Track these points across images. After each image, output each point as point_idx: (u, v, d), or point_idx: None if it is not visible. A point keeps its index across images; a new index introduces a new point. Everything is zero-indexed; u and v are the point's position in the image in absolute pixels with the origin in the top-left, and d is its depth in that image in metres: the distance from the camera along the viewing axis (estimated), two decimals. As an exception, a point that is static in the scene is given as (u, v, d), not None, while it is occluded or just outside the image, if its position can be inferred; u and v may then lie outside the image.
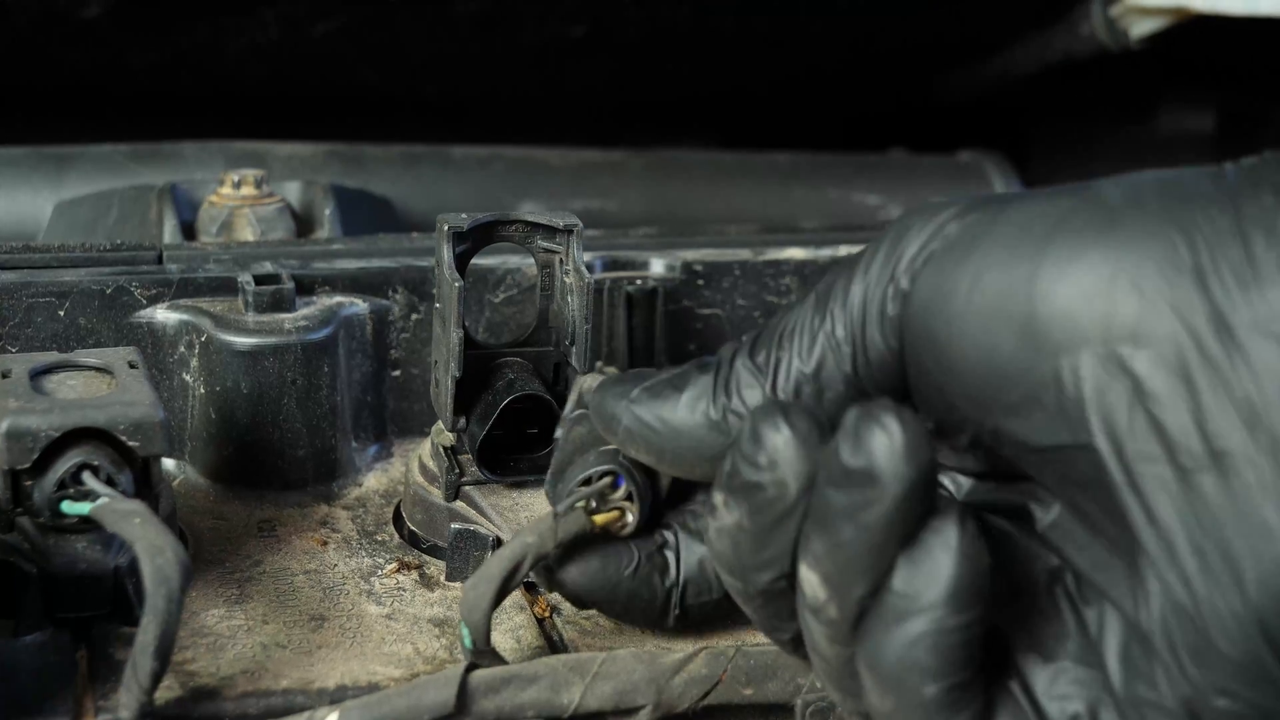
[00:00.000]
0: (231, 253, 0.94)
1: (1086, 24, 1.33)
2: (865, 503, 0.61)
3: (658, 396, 0.71)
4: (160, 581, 0.67)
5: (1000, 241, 0.64)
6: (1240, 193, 0.62)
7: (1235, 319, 0.60)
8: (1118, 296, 0.61)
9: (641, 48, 1.31)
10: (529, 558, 0.71)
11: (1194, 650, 0.60)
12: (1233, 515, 0.59)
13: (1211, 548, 0.59)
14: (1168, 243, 0.61)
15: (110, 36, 1.19)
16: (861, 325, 0.68)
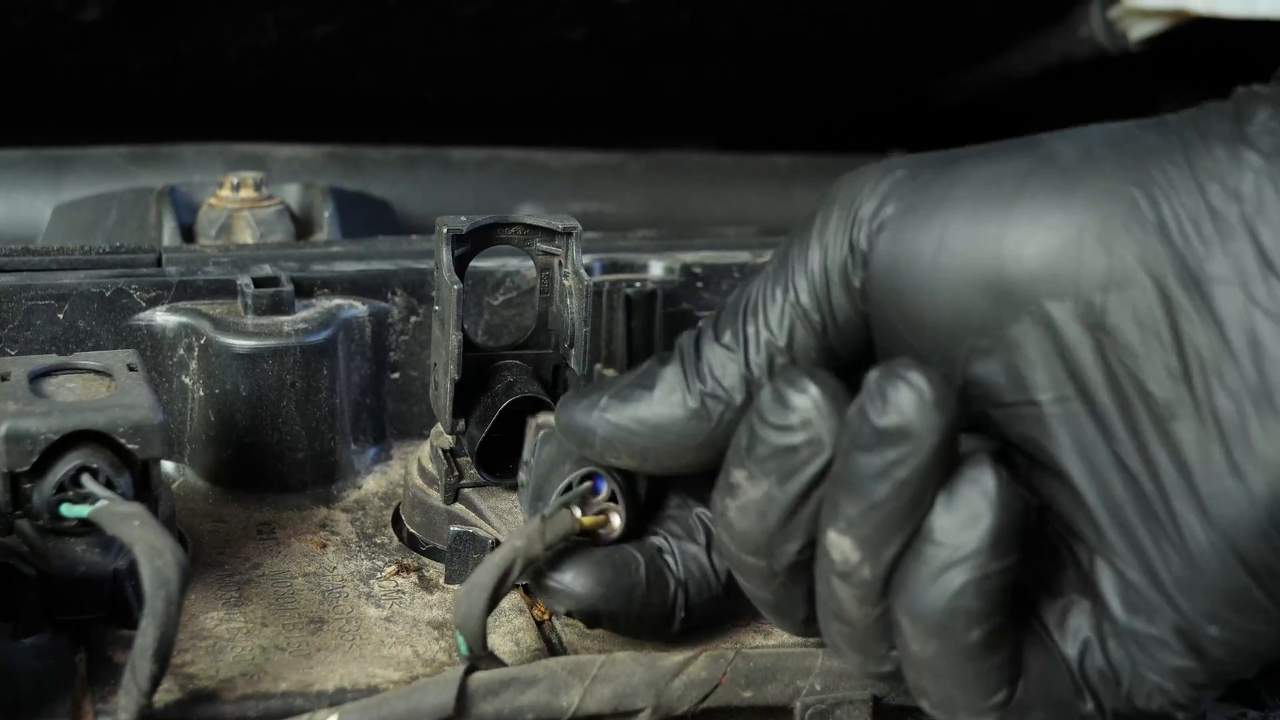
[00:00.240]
0: (231, 255, 0.94)
1: (1085, 26, 1.33)
2: (900, 459, 0.62)
3: (629, 399, 0.72)
4: (159, 584, 0.67)
5: (963, 204, 0.66)
6: (1190, 145, 0.64)
7: (1202, 271, 0.62)
8: (1085, 254, 0.63)
9: (640, 50, 1.31)
10: (519, 562, 0.71)
11: (1181, 584, 0.63)
12: (1205, 458, 0.62)
13: (1190, 489, 0.62)
14: (1129, 199, 0.63)
15: (109, 39, 1.19)
16: (826, 291, 0.69)
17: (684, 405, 0.71)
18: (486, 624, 0.71)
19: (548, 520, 0.72)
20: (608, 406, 0.72)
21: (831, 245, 0.69)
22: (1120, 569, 0.65)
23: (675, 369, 0.71)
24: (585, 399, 0.73)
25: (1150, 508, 0.63)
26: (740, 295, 0.71)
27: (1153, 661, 0.64)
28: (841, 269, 0.68)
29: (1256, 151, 0.63)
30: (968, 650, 0.64)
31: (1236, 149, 0.63)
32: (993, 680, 0.65)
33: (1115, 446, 0.64)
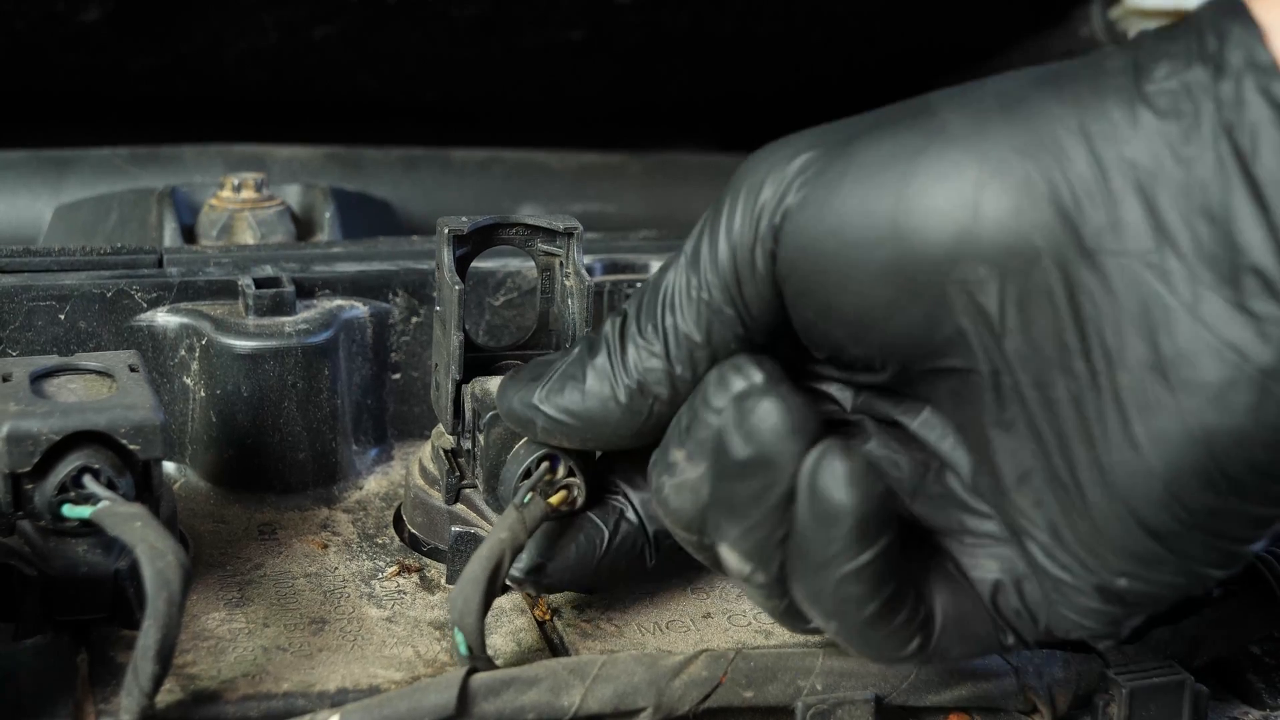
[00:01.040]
0: (232, 256, 0.94)
1: (1086, 27, 1.33)
2: (765, 487, 0.65)
3: (562, 390, 0.73)
4: (161, 585, 0.67)
5: (858, 189, 0.65)
6: (1085, 107, 0.62)
7: (1098, 243, 0.62)
8: (983, 233, 0.63)
9: (640, 51, 1.31)
10: (507, 553, 0.73)
11: (1087, 545, 0.64)
12: (1107, 431, 0.62)
13: (1094, 462, 0.63)
14: (1022, 173, 0.62)
15: (110, 40, 1.19)
16: (737, 284, 0.69)
17: (614, 399, 0.72)
18: (484, 621, 0.71)
19: (524, 509, 0.74)
20: (543, 399, 0.74)
21: (739, 238, 0.69)
22: (1030, 531, 0.66)
23: (604, 361, 0.72)
24: (522, 388, 0.75)
25: (1058, 477, 0.64)
26: (658, 285, 0.72)
27: (1068, 602, 0.66)
28: (749, 261, 0.68)
29: (1153, 111, 0.61)
30: (868, 621, 0.66)
31: (1133, 109, 0.62)
32: (903, 635, 0.67)
33: (1029, 418, 0.65)
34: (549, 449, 0.77)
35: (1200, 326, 0.60)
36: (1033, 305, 0.63)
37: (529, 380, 0.75)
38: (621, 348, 0.71)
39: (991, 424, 0.66)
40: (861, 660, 0.72)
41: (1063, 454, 0.64)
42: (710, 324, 0.69)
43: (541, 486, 0.76)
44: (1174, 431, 0.61)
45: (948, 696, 0.72)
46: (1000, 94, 0.65)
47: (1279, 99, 0.59)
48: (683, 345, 0.70)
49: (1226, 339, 0.59)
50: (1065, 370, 0.63)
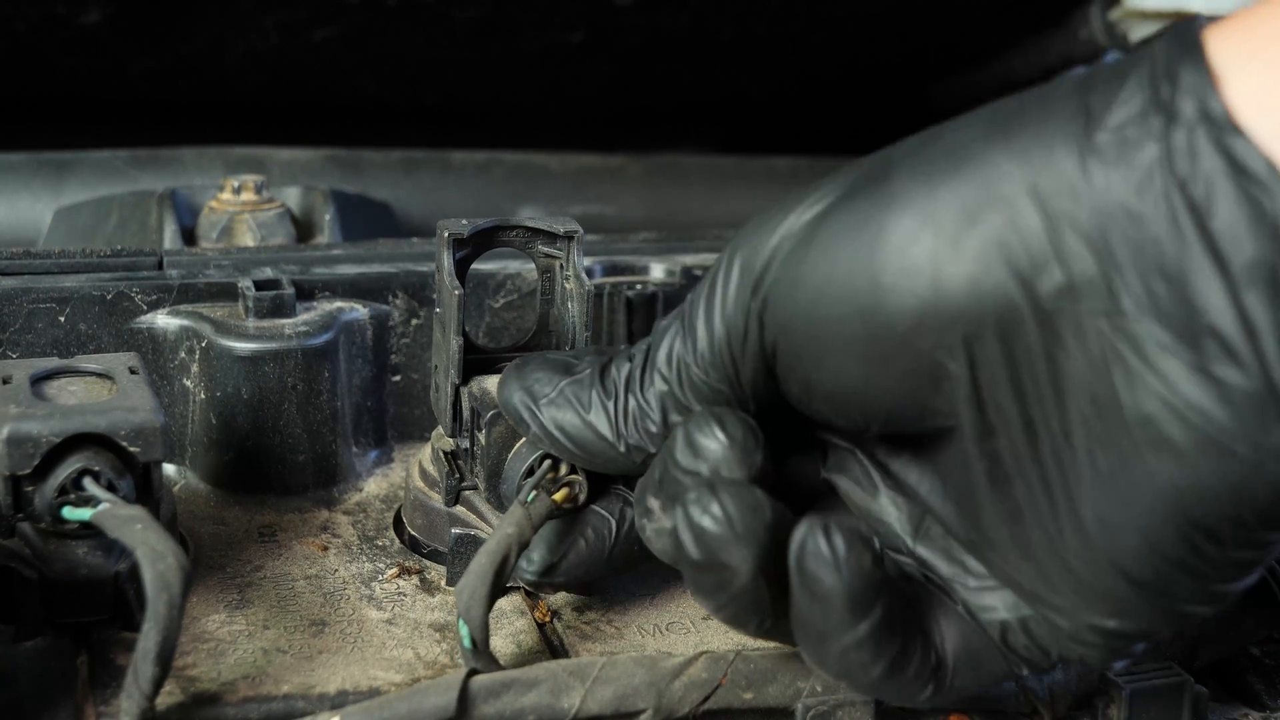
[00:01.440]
0: (232, 258, 0.94)
1: (1085, 29, 1.33)
2: (725, 581, 0.66)
3: (564, 409, 0.74)
4: (161, 587, 0.67)
5: (821, 269, 0.65)
6: (1035, 160, 0.61)
7: (1053, 304, 0.61)
8: (942, 301, 0.62)
9: (640, 54, 1.31)
10: (514, 548, 0.73)
11: (1075, 591, 0.64)
12: (1080, 482, 0.62)
13: (1077, 519, 0.63)
14: (975, 239, 0.61)
15: (110, 43, 1.19)
16: (733, 365, 0.69)
17: (611, 438, 0.73)
18: (489, 615, 0.71)
19: (529, 506, 0.75)
20: (544, 409, 0.74)
21: (732, 317, 0.68)
22: (1019, 581, 0.67)
23: (609, 404, 0.73)
24: (526, 384, 0.75)
25: (1044, 530, 0.64)
26: (658, 344, 0.72)
27: (1071, 641, 0.66)
28: (741, 341, 0.68)
29: (1103, 163, 0.59)
30: (878, 680, 0.66)
31: (1084, 161, 0.60)
32: (916, 684, 0.67)
33: (1010, 475, 0.65)
34: None
35: (1162, 388, 0.59)
36: (1002, 368, 0.62)
37: (534, 377, 0.75)
38: (625, 399, 0.72)
39: (977, 481, 0.66)
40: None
41: (1047, 508, 0.64)
42: (704, 390, 0.70)
43: (545, 484, 0.76)
44: (1146, 488, 0.60)
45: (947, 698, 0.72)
46: (950, 150, 0.64)
47: (1233, 153, 0.57)
48: (677, 411, 0.71)
49: (1188, 401, 0.58)
50: (1043, 428, 0.63)
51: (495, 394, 0.79)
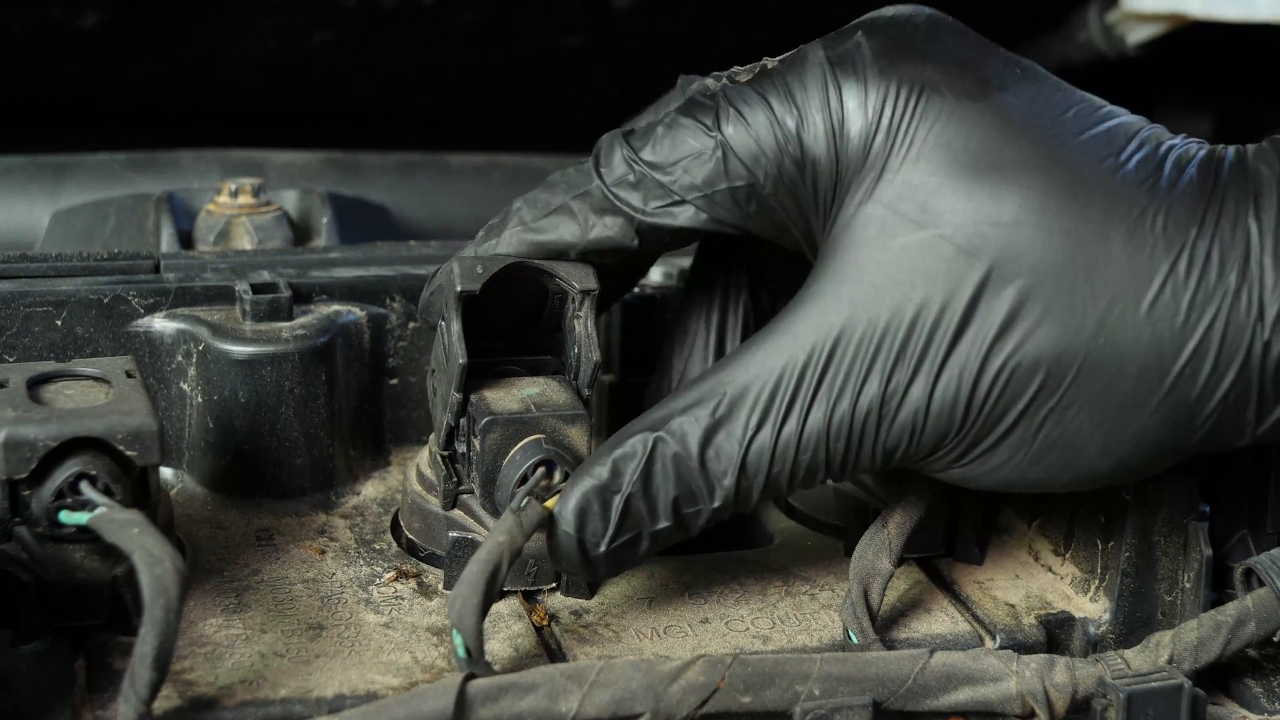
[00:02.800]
0: (229, 261, 0.94)
1: (1083, 31, 1.33)
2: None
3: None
4: (158, 591, 0.67)
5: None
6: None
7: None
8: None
9: (638, 57, 1.32)
10: (506, 556, 0.73)
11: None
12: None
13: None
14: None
15: (108, 47, 1.19)
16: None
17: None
18: (483, 623, 0.71)
19: (521, 513, 0.74)
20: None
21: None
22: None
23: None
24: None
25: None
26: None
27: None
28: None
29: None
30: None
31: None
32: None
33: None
34: (545, 455, 0.78)
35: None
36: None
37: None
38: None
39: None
40: (860, 666, 0.72)
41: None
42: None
43: (538, 491, 0.76)
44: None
45: (945, 701, 0.72)
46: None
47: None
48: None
49: None
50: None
51: (492, 401, 0.79)
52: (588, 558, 0.75)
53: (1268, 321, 0.70)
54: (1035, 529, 0.87)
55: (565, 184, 0.80)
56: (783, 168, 0.74)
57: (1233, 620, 0.76)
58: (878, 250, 0.72)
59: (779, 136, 0.74)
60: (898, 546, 0.79)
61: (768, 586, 0.83)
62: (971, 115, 0.73)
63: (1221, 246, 0.71)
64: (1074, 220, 0.71)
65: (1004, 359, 0.71)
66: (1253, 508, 0.82)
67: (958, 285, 0.71)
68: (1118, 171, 0.72)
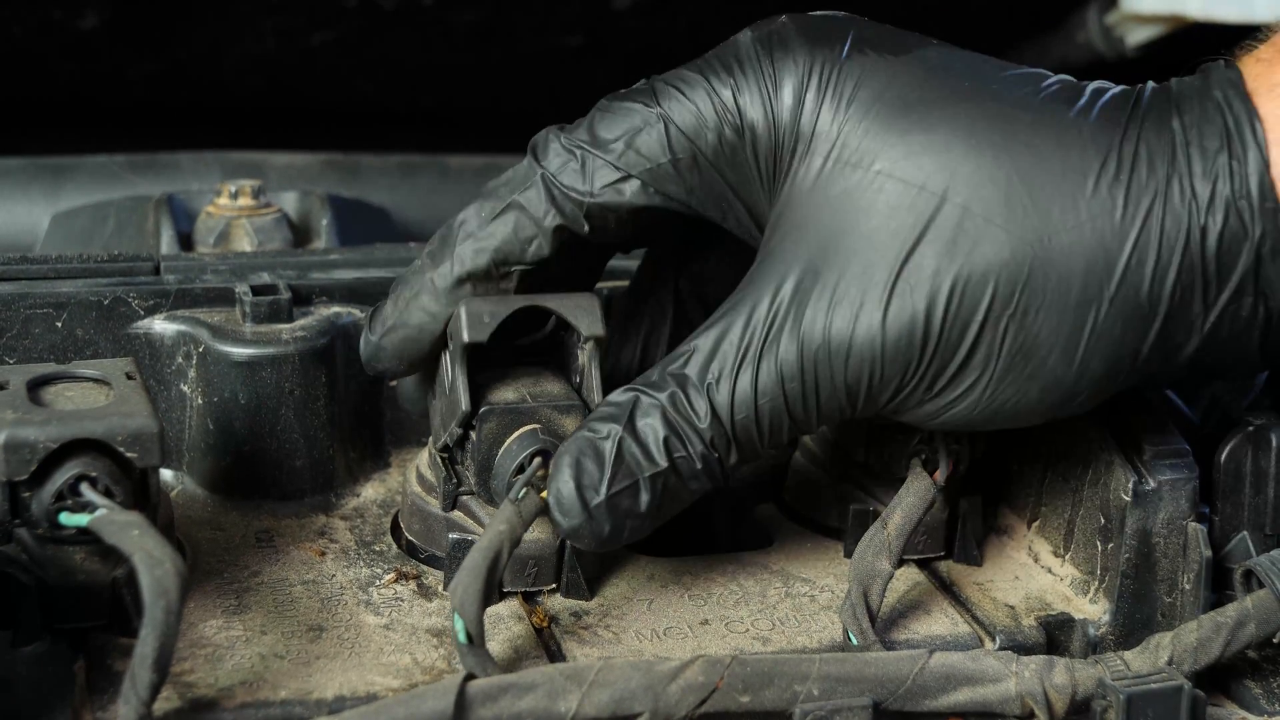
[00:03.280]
0: (229, 263, 0.94)
1: (1083, 32, 1.33)
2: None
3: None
4: (158, 593, 0.67)
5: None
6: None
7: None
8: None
9: (638, 57, 1.31)
10: (506, 545, 0.74)
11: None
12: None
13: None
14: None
15: (107, 48, 1.19)
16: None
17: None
18: (484, 610, 0.72)
19: (520, 503, 0.76)
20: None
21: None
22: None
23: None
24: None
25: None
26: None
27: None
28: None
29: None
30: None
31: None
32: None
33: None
34: (541, 445, 0.78)
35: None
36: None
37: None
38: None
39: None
40: (859, 666, 0.72)
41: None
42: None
43: (535, 481, 0.77)
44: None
45: (945, 702, 0.72)
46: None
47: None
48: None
49: None
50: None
51: (488, 392, 0.79)
52: (589, 510, 0.75)
53: (1201, 206, 0.73)
54: (1035, 530, 0.87)
55: (506, 186, 0.82)
56: (722, 136, 0.77)
57: (1232, 622, 0.77)
58: (820, 198, 0.75)
59: (717, 106, 0.77)
60: (897, 548, 0.79)
61: (767, 588, 0.83)
62: (896, 66, 0.76)
63: (1148, 145, 0.74)
64: (1003, 136, 0.74)
65: (954, 275, 0.73)
66: (1252, 509, 0.82)
67: (900, 213, 0.74)
68: (1038, 96, 0.75)
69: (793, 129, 0.76)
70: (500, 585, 0.79)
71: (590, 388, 0.81)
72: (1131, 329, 0.74)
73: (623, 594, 0.82)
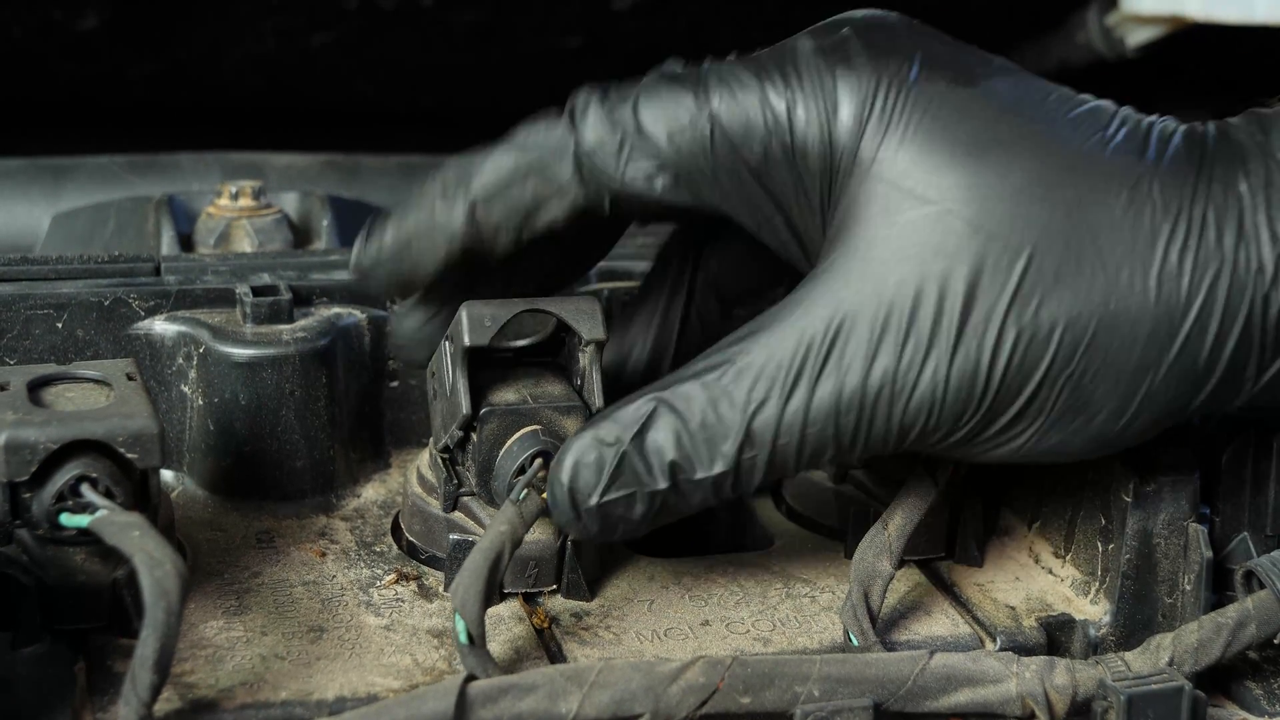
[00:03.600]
0: (229, 264, 0.94)
1: (1083, 33, 1.33)
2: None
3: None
4: (159, 594, 0.67)
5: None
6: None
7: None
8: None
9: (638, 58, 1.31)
10: (508, 546, 0.74)
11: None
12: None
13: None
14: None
15: (107, 48, 1.19)
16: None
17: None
18: (485, 610, 0.72)
19: (520, 504, 0.76)
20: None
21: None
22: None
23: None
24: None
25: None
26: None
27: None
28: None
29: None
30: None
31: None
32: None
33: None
34: (542, 446, 0.78)
35: None
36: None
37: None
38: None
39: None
40: (860, 667, 0.72)
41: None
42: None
43: (536, 482, 0.77)
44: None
45: (945, 703, 0.72)
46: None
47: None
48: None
49: None
50: None
51: (488, 393, 0.79)
52: (578, 510, 0.74)
53: (1266, 276, 0.72)
54: (1035, 531, 0.87)
55: (535, 144, 0.78)
56: (769, 149, 0.74)
57: (1233, 622, 0.77)
58: (884, 227, 0.73)
59: (769, 118, 0.74)
60: (898, 549, 0.79)
61: (768, 589, 0.83)
62: (963, 99, 0.74)
63: (1216, 209, 0.72)
64: (1075, 190, 0.72)
65: (1019, 328, 0.72)
66: (1253, 510, 0.82)
67: (968, 258, 0.72)
68: (1107, 145, 0.74)
69: (851, 152, 0.73)
70: (501, 586, 0.79)
71: (591, 390, 0.81)
72: (1184, 391, 0.73)
73: (623, 595, 0.82)
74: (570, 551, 0.80)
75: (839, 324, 0.72)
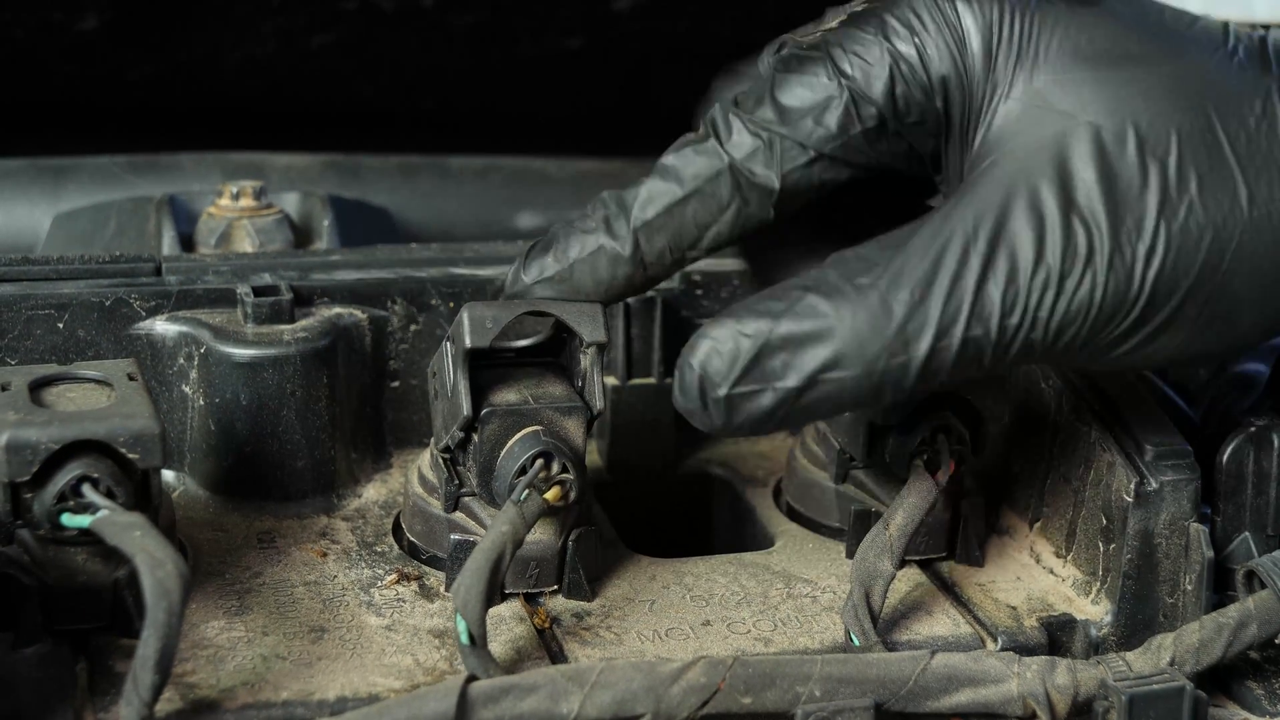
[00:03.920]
0: (230, 264, 0.94)
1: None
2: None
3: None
4: (160, 594, 0.67)
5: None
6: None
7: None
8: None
9: (638, 59, 1.32)
10: (509, 546, 0.74)
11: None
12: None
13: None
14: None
15: (108, 49, 1.19)
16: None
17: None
18: (486, 610, 0.72)
19: (522, 505, 0.76)
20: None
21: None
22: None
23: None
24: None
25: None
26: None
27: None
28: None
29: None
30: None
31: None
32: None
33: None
34: (543, 447, 0.78)
35: None
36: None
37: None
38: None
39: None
40: (861, 667, 0.72)
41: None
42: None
43: (537, 482, 0.77)
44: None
45: (946, 703, 0.72)
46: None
47: None
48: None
49: None
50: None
51: (490, 393, 0.79)
52: (705, 400, 0.72)
53: None
54: (1037, 531, 0.87)
55: (687, 170, 0.77)
56: (910, 97, 0.75)
57: (1234, 622, 0.77)
58: (1032, 140, 0.73)
59: (903, 68, 0.75)
60: (899, 549, 0.79)
61: (769, 589, 0.83)
62: (1088, 18, 0.75)
63: None
64: (1214, 99, 0.74)
65: (1168, 235, 0.72)
66: (1254, 510, 0.82)
67: (1117, 164, 0.72)
68: (1232, 58, 0.75)
69: (986, 78, 0.74)
70: (502, 586, 0.79)
71: (592, 391, 0.81)
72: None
73: (625, 595, 0.82)
74: (571, 552, 0.80)
75: (997, 227, 0.72)
